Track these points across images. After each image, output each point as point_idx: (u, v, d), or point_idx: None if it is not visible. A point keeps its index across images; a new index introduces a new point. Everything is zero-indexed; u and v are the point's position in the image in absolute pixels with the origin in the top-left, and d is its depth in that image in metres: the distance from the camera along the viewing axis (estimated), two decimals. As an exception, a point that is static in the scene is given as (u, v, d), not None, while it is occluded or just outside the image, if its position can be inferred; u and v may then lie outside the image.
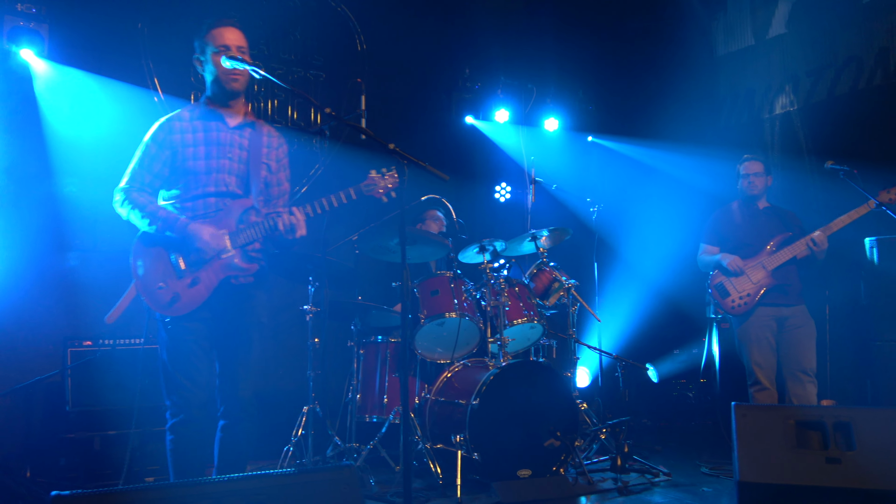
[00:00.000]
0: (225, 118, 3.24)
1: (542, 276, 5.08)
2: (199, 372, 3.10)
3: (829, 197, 5.38)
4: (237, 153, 3.22)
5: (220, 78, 3.16)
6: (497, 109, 6.78)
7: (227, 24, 3.20)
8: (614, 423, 4.83)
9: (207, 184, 3.16)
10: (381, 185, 3.27)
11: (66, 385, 4.51)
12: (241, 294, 3.21)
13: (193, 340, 3.11)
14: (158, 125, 3.22)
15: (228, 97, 3.23)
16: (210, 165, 3.16)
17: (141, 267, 3.12)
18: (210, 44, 3.17)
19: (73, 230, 4.94)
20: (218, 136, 3.20)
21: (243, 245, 3.15)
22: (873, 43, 6.01)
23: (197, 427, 3.09)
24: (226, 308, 3.17)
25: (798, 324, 4.71)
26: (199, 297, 3.08)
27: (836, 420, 3.39)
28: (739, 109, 7.13)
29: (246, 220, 3.18)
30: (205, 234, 3.07)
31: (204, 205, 3.16)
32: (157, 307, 3.07)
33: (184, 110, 3.27)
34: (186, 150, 3.16)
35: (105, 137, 4.96)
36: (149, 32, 5.48)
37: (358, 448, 4.52)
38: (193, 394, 3.07)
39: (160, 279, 3.08)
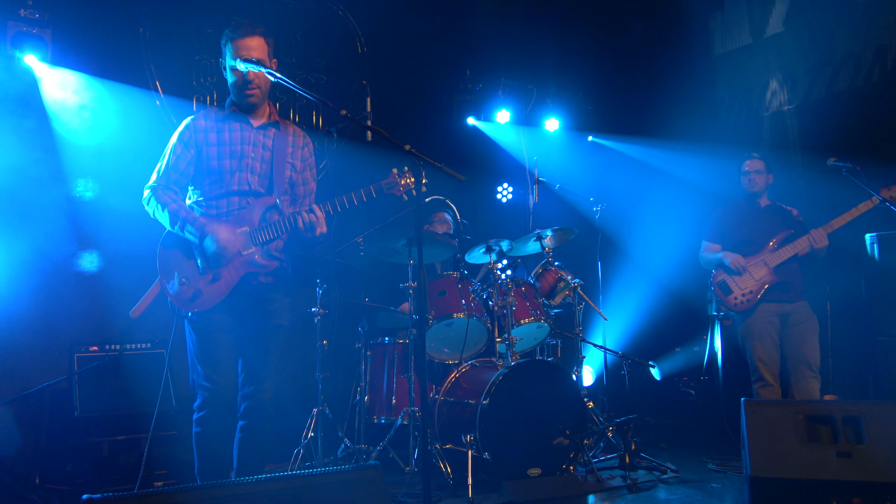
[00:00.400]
0: (249, 118, 3.30)
1: (548, 275, 5.10)
2: (225, 365, 3.17)
3: (828, 194, 5.41)
4: (260, 153, 3.28)
5: (238, 90, 3.24)
6: (498, 110, 6.81)
7: (247, 33, 3.20)
8: (622, 420, 4.86)
9: (231, 183, 3.22)
10: (402, 183, 3.30)
11: (74, 391, 4.50)
12: (262, 294, 3.25)
13: (219, 334, 3.18)
14: (185, 125, 3.28)
15: (249, 107, 3.30)
16: (233, 165, 3.22)
17: (165, 264, 3.22)
18: (231, 55, 3.20)
19: (80, 235, 4.93)
20: (241, 136, 3.26)
21: (264, 242, 3.20)
22: (871, 40, 6.06)
23: (219, 422, 3.16)
24: (247, 306, 3.22)
25: (801, 319, 4.75)
26: (220, 293, 3.15)
27: (845, 414, 3.43)
28: (738, 108, 7.18)
29: (268, 217, 3.23)
30: (221, 236, 3.11)
31: (227, 203, 3.22)
32: (179, 303, 3.15)
33: (210, 110, 3.36)
34: (210, 150, 3.22)
35: (110, 141, 4.98)
36: (150, 36, 5.48)
37: (367, 450, 4.53)
38: (220, 386, 3.14)
39: (183, 276, 3.16)
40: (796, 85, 6.64)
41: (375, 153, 4.78)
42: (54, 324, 4.81)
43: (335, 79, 6.22)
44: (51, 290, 4.81)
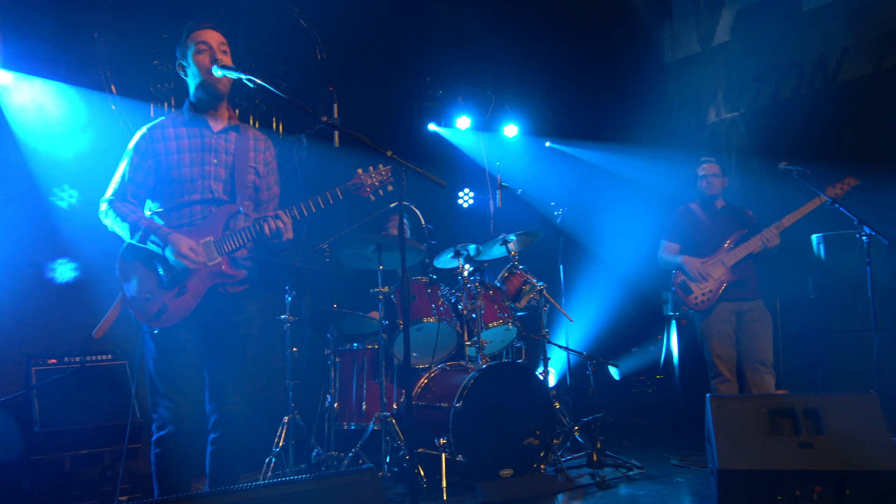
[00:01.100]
0: (209, 123, 3.17)
1: (514, 278, 5.18)
2: (187, 383, 3.03)
3: (775, 195, 5.65)
4: (223, 158, 3.16)
5: (204, 79, 3.09)
6: (458, 116, 6.88)
7: (206, 26, 3.16)
8: (588, 420, 4.96)
9: (193, 191, 3.09)
10: (369, 183, 3.27)
11: (33, 405, 4.36)
12: (231, 303, 3.15)
13: (182, 351, 3.03)
14: (140, 135, 3.14)
15: (214, 99, 3.15)
16: (195, 172, 3.10)
17: (127, 279, 3.04)
18: (190, 46, 3.11)
19: (37, 245, 4.78)
20: (202, 142, 3.14)
21: (230, 252, 3.09)
22: (813, 49, 6.36)
23: (184, 440, 3.01)
24: (215, 317, 3.10)
25: (756, 317, 4.93)
26: (188, 306, 3.01)
27: (805, 407, 3.58)
28: (687, 114, 7.42)
29: (232, 225, 3.13)
30: (183, 246, 2.98)
31: (190, 213, 3.09)
32: (145, 319, 2.99)
33: (167, 118, 3.19)
34: (171, 158, 3.08)
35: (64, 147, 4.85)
36: (106, 41, 5.36)
37: (339, 456, 4.52)
38: (181, 406, 3.00)
39: (147, 290, 3.00)
40: (743, 92, 6.90)
41: (343, 158, 4.78)
42: (9, 337, 4.65)
43: (295, 85, 6.18)
44: (5, 303, 4.65)
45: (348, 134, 2.92)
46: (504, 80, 7.18)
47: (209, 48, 3.09)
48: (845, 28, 6.15)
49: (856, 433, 3.45)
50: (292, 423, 4.35)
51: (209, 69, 3.06)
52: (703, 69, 7.25)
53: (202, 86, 3.11)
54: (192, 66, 3.11)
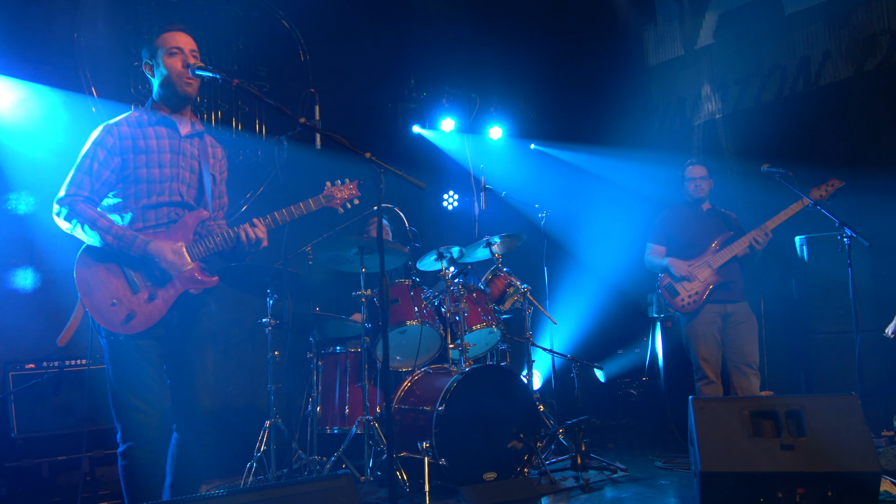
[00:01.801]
0: (177, 125, 3.11)
1: (498, 281, 5.16)
2: (151, 391, 2.92)
3: (758, 198, 5.66)
4: (189, 162, 3.11)
5: (174, 81, 3.02)
6: (443, 118, 6.86)
7: (177, 28, 3.10)
8: (573, 422, 4.94)
9: (161, 192, 3.02)
10: (339, 196, 3.29)
11: (11, 411, 4.31)
12: (195, 305, 3.08)
13: (144, 358, 2.93)
14: (104, 130, 3.00)
15: (181, 102, 3.10)
16: (164, 174, 3.03)
17: (88, 283, 2.90)
18: (162, 47, 3.04)
19: (14, 249, 4.72)
20: (171, 144, 3.07)
21: (202, 257, 3.03)
22: (795, 52, 6.39)
23: (151, 449, 2.91)
24: (179, 322, 3.03)
25: (741, 319, 4.93)
26: (158, 312, 2.93)
27: (787, 409, 3.58)
28: (672, 116, 7.44)
29: (201, 231, 3.08)
30: (167, 252, 2.92)
31: (156, 215, 3.01)
32: (110, 326, 2.87)
33: (130, 115, 3.08)
34: (139, 157, 2.99)
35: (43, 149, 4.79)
36: (86, 42, 5.31)
37: (321, 461, 4.48)
38: (147, 415, 2.89)
39: (113, 296, 2.88)
40: (727, 94, 6.92)
41: (324, 160, 4.75)
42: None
43: (277, 87, 6.15)
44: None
45: (330, 136, 2.89)
46: (489, 82, 7.17)
47: (181, 52, 3.03)
48: (827, 32, 6.19)
49: (837, 434, 3.45)
50: (274, 428, 4.30)
51: (181, 73, 3.01)
52: (686, 71, 7.28)
53: (171, 88, 3.05)
54: (161, 68, 3.04)
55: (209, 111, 5.82)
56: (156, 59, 3.06)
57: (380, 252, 2.80)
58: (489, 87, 7.18)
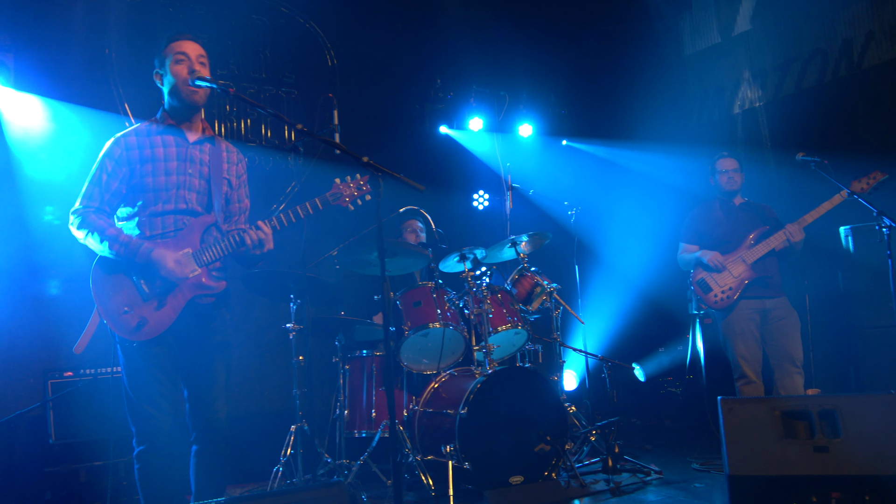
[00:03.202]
0: (185, 133, 3.14)
1: (524, 281, 5.09)
2: (164, 398, 2.98)
3: (800, 189, 5.44)
4: (198, 168, 3.13)
5: (180, 89, 3.06)
6: (471, 118, 6.82)
7: (185, 36, 3.14)
8: (603, 424, 4.84)
9: (168, 200, 3.05)
10: (347, 193, 3.23)
11: (49, 417, 4.45)
12: (207, 314, 3.11)
13: (157, 366, 2.99)
14: (113, 141, 3.08)
15: (189, 110, 3.13)
16: (170, 181, 3.06)
17: (102, 292, 2.98)
18: (169, 55, 3.09)
19: (51, 259, 4.87)
20: (178, 152, 3.10)
21: (209, 263, 3.06)
22: (837, 35, 6.12)
23: (164, 454, 2.96)
24: (190, 330, 3.06)
25: (782, 315, 4.75)
26: (168, 319, 2.98)
27: (821, 408, 3.42)
28: (710, 107, 7.22)
29: (209, 237, 3.11)
30: (169, 261, 2.96)
31: (162, 223, 3.05)
32: (123, 333, 2.95)
33: (140, 126, 3.15)
34: (145, 167, 3.04)
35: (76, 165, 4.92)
36: (117, 58, 5.45)
37: (348, 464, 4.49)
38: (159, 421, 2.95)
39: (124, 303, 2.95)
40: (766, 82, 6.68)
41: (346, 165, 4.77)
42: (27, 350, 4.75)
43: (305, 92, 6.21)
44: (22, 317, 4.75)
45: (325, 142, 2.89)
46: (518, 79, 7.09)
47: (187, 59, 3.07)
48: (869, 11, 5.90)
49: (875, 436, 3.27)
50: (300, 432, 4.33)
51: (186, 80, 3.04)
52: (724, 60, 7.05)
53: (178, 96, 3.09)
54: (168, 76, 3.09)
55: (238, 119, 5.90)
56: (164, 68, 3.12)
57: (381, 256, 2.78)
58: (518, 84, 7.10)
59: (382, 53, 6.46)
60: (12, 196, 4.78)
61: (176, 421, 3.02)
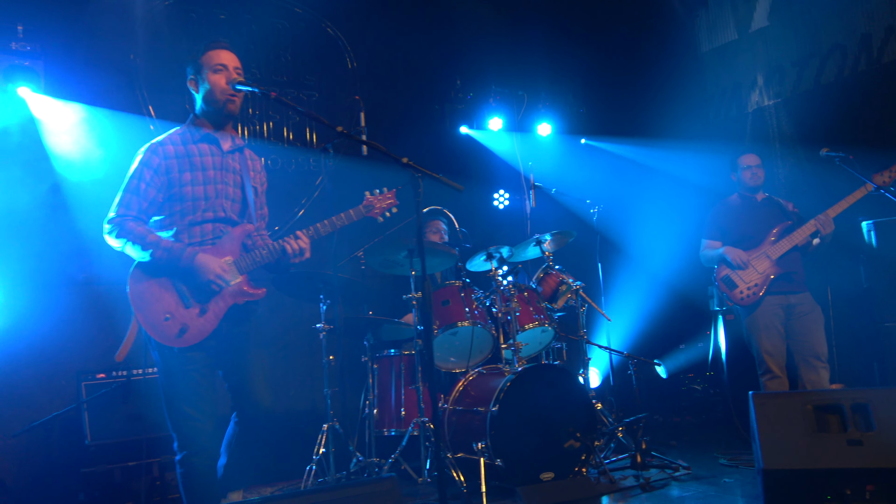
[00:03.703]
0: (219, 141, 3.18)
1: (549, 279, 5.12)
2: (205, 401, 3.00)
3: (821, 185, 5.46)
4: (232, 177, 3.17)
5: (218, 98, 3.09)
6: (490, 118, 6.85)
7: (223, 46, 3.17)
8: (631, 420, 4.87)
9: (206, 209, 3.08)
10: (378, 206, 3.35)
11: (84, 419, 4.51)
12: (244, 314, 3.16)
13: (196, 369, 3.00)
14: (150, 150, 3.07)
15: (223, 118, 3.16)
16: (208, 191, 3.09)
17: (141, 300, 2.96)
18: (207, 64, 3.11)
19: (82, 263, 4.94)
20: (214, 161, 3.14)
21: (249, 270, 3.10)
22: (855, 30, 6.12)
23: (207, 457, 3.00)
24: (230, 333, 3.10)
25: (806, 310, 4.76)
26: (210, 325, 3.00)
27: (853, 402, 3.44)
28: (727, 104, 7.23)
29: (248, 245, 3.15)
30: (215, 267, 2.98)
31: (201, 231, 3.08)
32: (164, 339, 2.94)
33: (174, 133, 3.16)
34: (183, 175, 3.05)
35: (105, 168, 4.99)
36: (142, 62, 5.51)
37: (379, 462, 4.53)
38: (202, 423, 2.97)
39: (165, 311, 2.95)
40: (784, 78, 6.69)
41: (372, 166, 4.83)
42: (61, 353, 4.82)
43: (326, 95, 6.26)
44: (55, 320, 4.82)
45: (365, 143, 2.94)
46: (536, 78, 7.12)
47: (225, 69, 3.11)
48: (889, 5, 5.89)
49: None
50: (332, 431, 4.38)
51: (224, 89, 3.08)
52: (741, 56, 7.06)
53: (213, 104, 3.12)
54: (205, 84, 3.11)
55: (261, 122, 5.96)
56: (201, 75, 3.14)
57: (420, 256, 2.82)
58: (536, 83, 7.13)
59: (402, 55, 6.50)
60: (46, 200, 4.84)
61: (216, 421, 3.06)
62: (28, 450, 4.68)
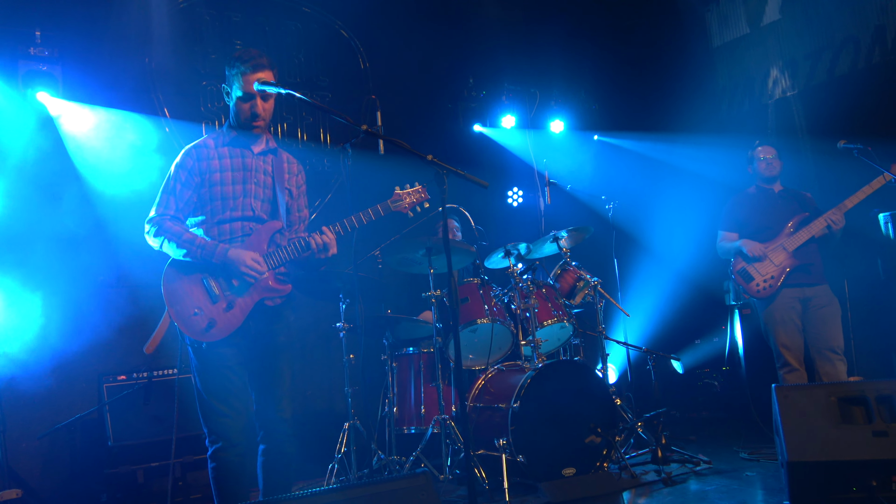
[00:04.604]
0: (251, 145, 3.28)
1: (567, 275, 5.13)
2: (235, 397, 3.10)
3: (834, 177, 5.44)
4: (262, 178, 3.26)
5: (242, 121, 3.22)
6: (503, 115, 6.86)
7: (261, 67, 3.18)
8: (651, 415, 4.87)
9: (235, 208, 3.19)
10: (408, 200, 3.37)
11: (107, 420, 4.54)
12: (273, 316, 3.23)
13: (227, 366, 3.10)
14: (185, 152, 3.24)
15: (254, 126, 3.26)
16: (237, 191, 3.20)
17: (174, 295, 3.10)
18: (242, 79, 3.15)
19: (104, 267, 4.97)
20: (244, 162, 3.24)
21: (275, 267, 3.17)
22: (868, 22, 6.09)
23: (238, 452, 3.07)
24: (259, 330, 3.18)
25: (823, 303, 4.75)
26: (236, 321, 3.09)
27: (878, 394, 3.43)
28: (740, 97, 7.22)
29: (276, 242, 3.22)
30: (247, 259, 3.07)
31: (230, 229, 3.18)
32: (193, 334, 3.06)
33: (209, 137, 3.30)
34: (214, 176, 3.19)
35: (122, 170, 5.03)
36: (157, 65, 5.54)
37: (400, 460, 4.54)
38: (232, 419, 3.06)
39: (194, 305, 3.07)
40: (797, 71, 6.67)
41: (388, 165, 4.83)
42: (81, 355, 4.85)
43: (339, 95, 6.27)
44: (77, 323, 4.84)
45: (391, 141, 2.95)
46: (548, 76, 7.12)
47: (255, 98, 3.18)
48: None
49: (935, 419, 3.29)
50: (353, 430, 4.39)
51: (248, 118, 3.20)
52: (753, 50, 7.04)
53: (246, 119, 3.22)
54: (234, 106, 3.23)
55: (275, 124, 5.98)
56: (233, 89, 3.20)
57: (446, 253, 2.82)
58: (549, 80, 7.13)
59: (414, 54, 6.51)
60: (69, 206, 4.88)
61: (246, 418, 3.12)
62: (52, 451, 4.71)
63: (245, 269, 3.07)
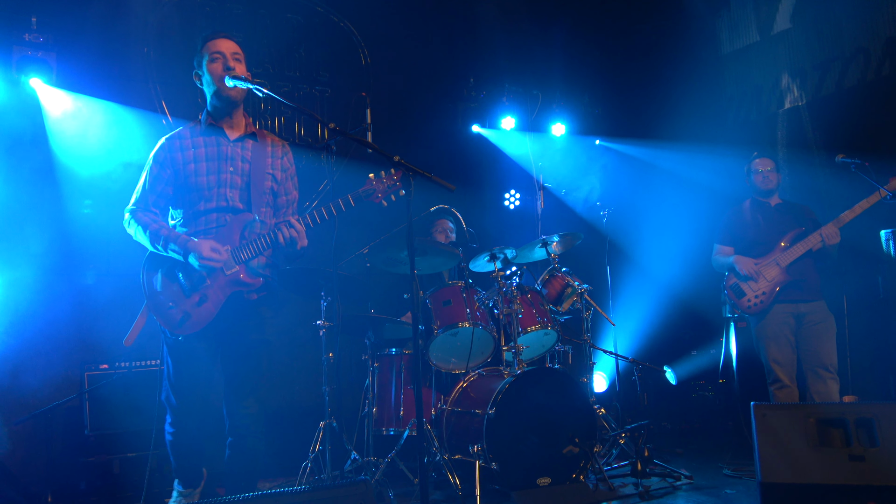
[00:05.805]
0: (225, 132, 3.26)
1: (555, 282, 5.06)
2: (200, 388, 3.20)
3: (841, 190, 5.32)
4: (239, 166, 3.24)
5: (217, 87, 3.17)
6: (503, 117, 6.79)
7: (219, 35, 3.25)
8: (633, 427, 4.78)
9: (209, 199, 3.18)
10: (380, 189, 3.21)
11: (85, 409, 4.55)
12: (249, 311, 3.23)
13: (197, 358, 3.17)
14: (160, 145, 3.26)
15: (229, 107, 3.23)
16: (211, 181, 3.18)
17: (150, 287, 3.18)
18: (205, 55, 3.21)
19: (86, 253, 4.98)
20: (218, 151, 3.22)
21: (247, 260, 3.16)
22: (880, 33, 5.96)
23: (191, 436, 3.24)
24: (233, 324, 3.19)
25: (817, 319, 4.65)
26: (209, 314, 3.12)
27: (857, 416, 3.35)
28: (747, 106, 7.09)
29: (248, 234, 3.20)
30: (205, 249, 3.07)
31: (206, 221, 3.19)
32: (169, 326, 3.12)
33: (185, 128, 3.30)
34: (188, 167, 3.18)
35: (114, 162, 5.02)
36: (155, 56, 5.53)
37: (376, 462, 4.50)
38: (189, 409, 3.20)
39: (169, 299, 3.13)
40: (806, 81, 6.54)
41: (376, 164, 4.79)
42: (65, 342, 4.86)
43: (339, 91, 6.24)
44: (60, 310, 4.86)
45: (356, 140, 2.91)
46: (551, 78, 7.04)
47: (222, 57, 3.17)
48: (914, 9, 5.74)
49: (914, 445, 3.20)
50: (328, 429, 4.36)
51: (222, 77, 3.14)
52: (763, 59, 6.91)
53: (216, 94, 3.21)
54: (206, 75, 3.21)
55: (272, 117, 5.96)
56: (202, 68, 3.24)
57: (410, 256, 2.78)
58: (552, 83, 7.05)
59: (416, 52, 6.46)
60: (52, 190, 4.89)
61: (207, 409, 3.24)
62: (32, 437, 4.72)
63: (203, 262, 3.06)
